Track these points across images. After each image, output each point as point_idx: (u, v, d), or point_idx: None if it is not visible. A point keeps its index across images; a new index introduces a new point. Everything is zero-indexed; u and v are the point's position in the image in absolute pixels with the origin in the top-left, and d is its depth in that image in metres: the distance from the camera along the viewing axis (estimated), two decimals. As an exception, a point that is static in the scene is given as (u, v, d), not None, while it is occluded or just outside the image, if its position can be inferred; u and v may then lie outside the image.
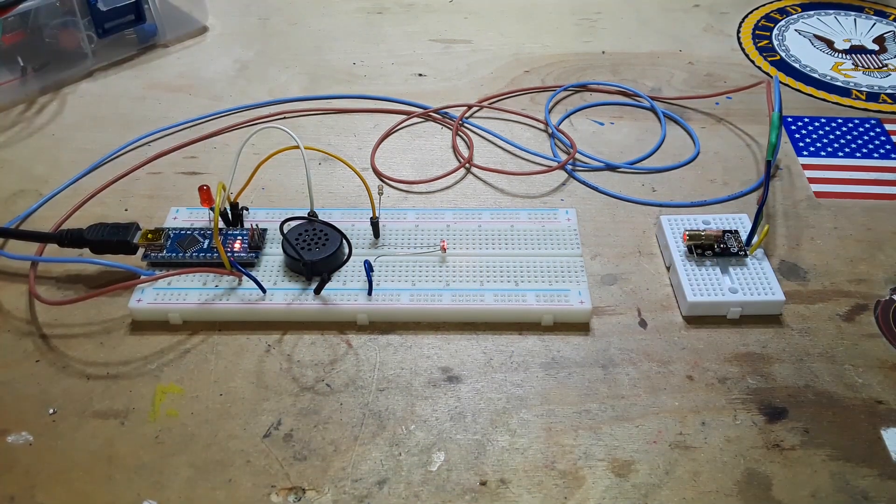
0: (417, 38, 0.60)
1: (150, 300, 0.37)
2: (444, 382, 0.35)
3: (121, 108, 0.52)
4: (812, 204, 0.44)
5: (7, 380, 0.35)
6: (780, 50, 0.58)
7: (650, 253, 0.41)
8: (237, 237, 0.40)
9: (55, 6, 0.52)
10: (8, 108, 0.52)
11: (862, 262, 0.41)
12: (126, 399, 0.34)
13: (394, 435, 0.33)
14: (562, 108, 0.52)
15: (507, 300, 0.37)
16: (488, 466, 0.32)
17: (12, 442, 0.33)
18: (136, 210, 0.44)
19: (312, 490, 0.31)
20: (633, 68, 0.56)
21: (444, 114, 0.51)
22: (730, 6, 0.64)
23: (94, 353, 0.36)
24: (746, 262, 0.39)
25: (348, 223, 0.41)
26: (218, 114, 0.51)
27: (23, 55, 0.52)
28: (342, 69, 0.56)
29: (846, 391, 0.34)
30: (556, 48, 0.58)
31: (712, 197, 0.45)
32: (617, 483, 0.31)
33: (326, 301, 0.37)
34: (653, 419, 0.33)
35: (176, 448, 0.32)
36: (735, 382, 0.35)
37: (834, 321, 0.38)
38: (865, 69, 0.56)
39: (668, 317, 0.38)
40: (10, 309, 0.38)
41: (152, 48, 0.58)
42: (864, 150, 0.48)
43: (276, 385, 0.35)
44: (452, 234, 0.41)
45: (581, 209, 0.44)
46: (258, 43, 0.59)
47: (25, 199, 0.45)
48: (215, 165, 0.47)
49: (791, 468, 0.32)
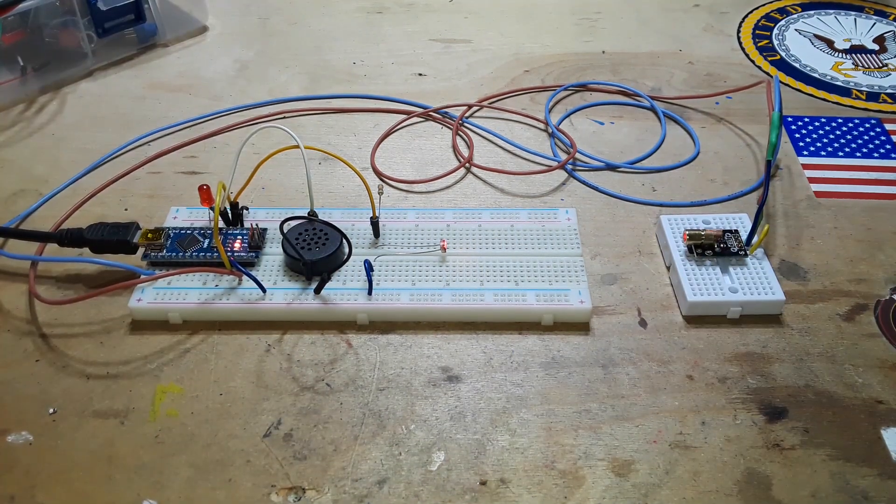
0: (417, 38, 0.60)
1: (150, 300, 0.37)
2: (444, 382, 0.35)
3: (121, 108, 0.52)
4: (812, 204, 0.44)
5: (7, 380, 0.35)
6: (781, 50, 0.58)
7: (650, 253, 0.41)
8: (237, 237, 0.40)
9: (55, 6, 0.52)
10: (8, 108, 0.52)
11: (862, 262, 0.41)
12: (126, 399, 0.34)
13: (394, 435, 0.33)
14: (562, 107, 0.52)
15: (507, 300, 0.37)
16: (488, 466, 0.32)
17: (12, 442, 0.33)
18: (136, 210, 0.44)
19: (312, 490, 0.31)
20: (633, 68, 0.56)
21: (444, 113, 0.51)
22: (730, 6, 0.64)
23: (94, 352, 0.36)
24: (746, 261, 0.39)
25: (348, 223, 0.41)
26: (218, 113, 0.51)
27: (23, 55, 0.52)
28: (342, 69, 0.56)
29: (846, 391, 0.34)
30: (556, 48, 0.58)
31: (712, 197, 0.45)
32: (617, 483, 0.31)
33: (326, 301, 0.37)
34: (653, 419, 0.33)
35: (176, 448, 0.32)
36: (735, 382, 0.35)
37: (834, 321, 0.38)
38: (865, 69, 0.56)
39: (668, 316, 0.38)
40: (10, 308, 0.38)
41: (152, 48, 0.58)
42: (864, 150, 0.48)
43: (276, 385, 0.35)
44: (452, 233, 0.41)
45: (581, 209, 0.44)
46: (258, 43, 0.59)
47: (25, 198, 0.45)
48: (215, 165, 0.47)
49: (791, 468, 0.32)
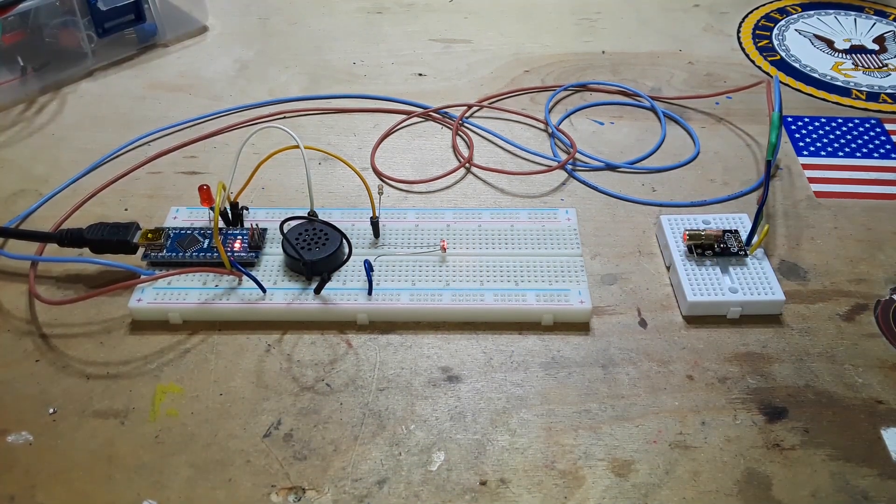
0: (417, 38, 0.60)
1: (150, 300, 0.37)
2: (444, 382, 0.35)
3: (121, 108, 0.52)
4: (812, 204, 0.44)
5: (7, 380, 0.35)
6: (780, 50, 0.58)
7: (650, 253, 0.41)
8: (237, 237, 0.40)
9: (55, 6, 0.52)
10: (8, 108, 0.52)
11: (862, 262, 0.41)
12: (126, 399, 0.34)
13: (394, 435, 0.33)
14: (562, 107, 0.52)
15: (507, 300, 0.37)
16: (488, 466, 0.32)
17: (12, 442, 0.33)
18: (136, 210, 0.44)
19: (312, 490, 0.31)
20: (633, 68, 0.56)
21: (444, 114, 0.51)
22: (730, 6, 0.64)
23: (94, 352, 0.36)
24: (746, 261, 0.39)
25: (348, 223, 0.41)
26: (218, 113, 0.51)
27: (23, 55, 0.52)
28: (342, 69, 0.56)
29: (846, 391, 0.34)
30: (556, 48, 0.58)
31: (712, 197, 0.45)
32: (617, 483, 0.31)
33: (326, 301, 0.37)
34: (653, 419, 0.33)
35: (176, 448, 0.32)
36: (735, 382, 0.35)
37: (834, 321, 0.38)
38: (865, 69, 0.56)
39: (668, 316, 0.38)
40: (10, 309, 0.38)
41: (152, 48, 0.58)
42: (864, 150, 0.48)
43: (276, 385, 0.35)
44: (452, 233, 0.41)
45: (581, 209, 0.44)
46: (258, 43, 0.59)
47: (25, 198, 0.45)
48: (215, 165, 0.47)
49: (791, 468, 0.32)
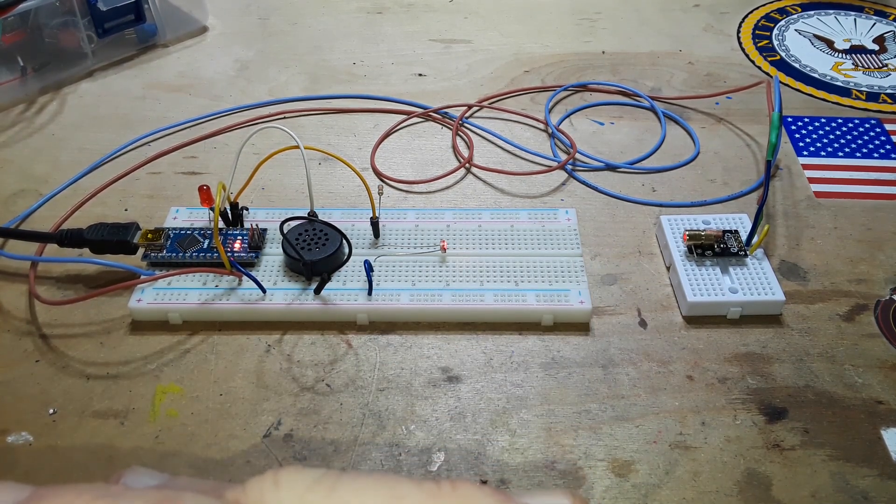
0: (417, 38, 0.60)
1: (150, 300, 0.37)
2: (444, 382, 0.35)
3: (121, 108, 0.52)
4: (812, 204, 0.44)
5: (7, 380, 0.35)
6: (780, 50, 0.58)
7: (650, 253, 0.41)
8: (237, 237, 0.40)
9: (55, 6, 0.52)
10: (8, 108, 0.52)
11: (862, 262, 0.41)
12: (126, 399, 0.34)
13: (394, 435, 0.33)
14: (562, 107, 0.52)
15: (507, 300, 0.37)
16: (488, 466, 0.32)
17: (12, 442, 0.33)
18: (136, 210, 0.44)
19: (312, 490, 0.31)
20: (633, 68, 0.56)
21: (444, 114, 0.51)
22: (730, 6, 0.64)
23: (94, 353, 0.36)
24: (746, 262, 0.39)
25: (348, 223, 0.41)
26: (218, 114, 0.51)
27: (23, 55, 0.52)
28: (342, 69, 0.56)
29: (846, 391, 0.34)
30: (556, 48, 0.58)
31: (712, 197, 0.45)
32: (617, 483, 0.31)
33: (326, 301, 0.37)
34: (653, 419, 0.33)
35: (176, 448, 0.32)
36: (735, 382, 0.35)
37: (834, 321, 0.38)
38: (865, 69, 0.56)
39: (668, 317, 0.38)
40: (10, 309, 0.38)
41: (152, 48, 0.58)
42: (864, 150, 0.48)
43: (276, 385, 0.35)
44: (452, 234, 0.41)
45: (581, 209, 0.44)
46: (258, 43, 0.59)
47: (25, 199, 0.45)
48: (215, 165, 0.47)
49: (791, 468, 0.32)
